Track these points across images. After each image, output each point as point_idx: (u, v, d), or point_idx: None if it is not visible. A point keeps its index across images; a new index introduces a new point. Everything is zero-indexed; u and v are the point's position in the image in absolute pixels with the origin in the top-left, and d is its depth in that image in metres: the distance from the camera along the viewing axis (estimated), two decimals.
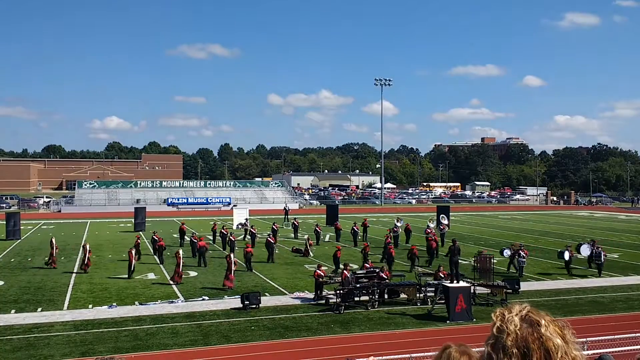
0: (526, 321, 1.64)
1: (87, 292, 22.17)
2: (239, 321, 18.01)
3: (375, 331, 17.11)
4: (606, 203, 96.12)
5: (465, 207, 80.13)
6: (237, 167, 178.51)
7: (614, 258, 31.67)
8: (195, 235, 31.84)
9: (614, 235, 43.12)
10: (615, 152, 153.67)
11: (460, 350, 1.87)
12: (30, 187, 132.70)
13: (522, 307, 1.70)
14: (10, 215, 40.82)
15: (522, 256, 25.47)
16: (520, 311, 1.68)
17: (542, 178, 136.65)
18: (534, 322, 1.63)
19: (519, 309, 1.69)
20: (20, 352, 14.95)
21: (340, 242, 35.84)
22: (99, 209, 68.11)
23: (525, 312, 1.67)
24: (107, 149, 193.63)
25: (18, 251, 33.47)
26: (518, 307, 1.70)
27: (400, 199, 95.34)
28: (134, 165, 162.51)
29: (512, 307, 1.71)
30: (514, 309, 1.70)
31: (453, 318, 18.08)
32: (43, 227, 48.33)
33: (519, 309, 1.69)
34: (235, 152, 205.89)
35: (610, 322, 17.74)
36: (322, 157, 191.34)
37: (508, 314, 1.68)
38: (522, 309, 1.69)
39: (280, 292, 22.46)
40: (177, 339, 16.23)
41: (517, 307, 1.70)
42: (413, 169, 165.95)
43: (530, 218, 61.07)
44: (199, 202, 73.63)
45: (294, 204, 74.40)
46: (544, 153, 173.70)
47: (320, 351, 15.19)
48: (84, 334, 16.59)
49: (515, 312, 1.68)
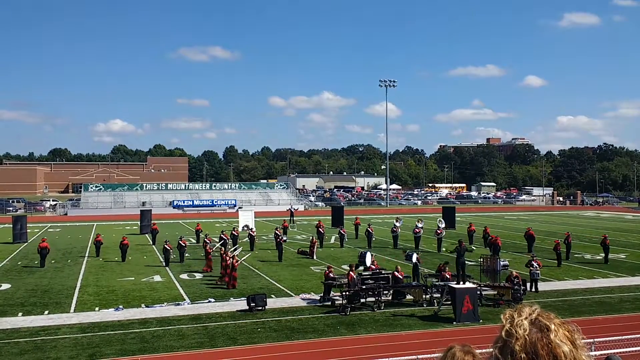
0: (536, 325, 1.62)
1: (93, 295, 22.25)
2: (245, 323, 18.03)
3: (382, 333, 17.08)
4: (613, 203, 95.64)
5: (471, 208, 79.92)
6: (242, 169, 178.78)
7: (621, 258, 31.51)
8: (210, 237, 32.05)
9: (621, 236, 42.89)
10: (621, 152, 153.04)
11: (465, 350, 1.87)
12: (37, 191, 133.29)
13: (532, 310, 1.67)
14: (17, 219, 41.02)
15: (535, 267, 22.80)
16: (530, 314, 1.65)
17: (548, 178, 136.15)
18: (543, 327, 1.61)
19: (529, 312, 1.66)
20: (28, 355, 15.02)
21: (345, 247, 35.74)
22: (105, 211, 68.35)
23: (535, 315, 1.65)
24: (113, 152, 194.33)
25: (25, 254, 33.64)
26: (528, 310, 1.67)
27: (406, 200, 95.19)
28: (139, 168, 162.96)
29: (521, 310, 1.68)
30: (523, 311, 1.67)
31: (459, 319, 18.02)
32: (50, 230, 48.55)
33: (528, 312, 1.66)
34: (241, 154, 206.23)
35: (617, 322, 17.64)
36: (327, 159, 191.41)
37: (518, 317, 1.65)
38: (532, 312, 1.66)
39: (286, 293, 22.46)
40: (183, 341, 16.25)
41: (527, 310, 1.67)
42: (418, 170, 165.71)
43: (536, 218, 60.85)
44: (204, 204, 73.77)
45: (299, 205, 74.46)
46: (550, 153, 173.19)
47: (326, 353, 15.18)
48: (91, 337, 16.65)
49: (525, 315, 1.65)
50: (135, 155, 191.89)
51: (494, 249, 30.00)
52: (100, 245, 32.78)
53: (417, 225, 35.94)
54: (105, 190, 77.55)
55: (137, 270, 27.70)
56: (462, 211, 67.29)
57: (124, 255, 30.68)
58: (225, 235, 33.22)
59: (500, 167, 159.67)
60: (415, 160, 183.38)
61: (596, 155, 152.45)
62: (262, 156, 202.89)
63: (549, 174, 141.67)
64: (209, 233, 34.09)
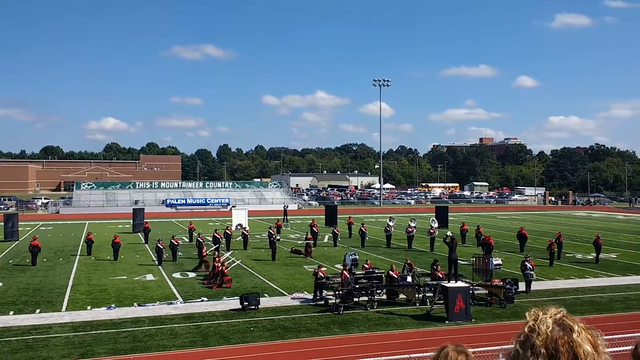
0: (559, 324, 1.63)
1: (85, 294, 22.15)
2: (238, 322, 18.01)
3: (375, 332, 17.12)
4: (604, 203, 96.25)
5: (464, 208, 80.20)
6: (236, 168, 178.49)
7: (612, 258, 31.73)
8: (202, 236, 31.96)
9: (612, 235, 43.18)
10: (612, 152, 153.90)
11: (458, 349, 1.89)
12: (29, 188, 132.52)
13: (557, 311, 1.69)
14: (8, 217, 40.78)
15: (530, 268, 22.54)
16: (555, 314, 1.67)
17: (540, 178, 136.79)
18: (566, 327, 1.62)
19: (554, 312, 1.68)
20: (19, 354, 14.94)
21: (338, 246, 35.79)
22: (98, 210, 68.05)
23: (559, 315, 1.67)
24: (105, 150, 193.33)
25: (16, 252, 33.43)
26: (553, 310, 1.69)
27: (399, 199, 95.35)
28: (132, 166, 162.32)
29: (547, 309, 1.70)
30: (549, 311, 1.69)
31: (452, 318, 18.10)
32: (41, 228, 48.28)
33: (554, 312, 1.68)
34: (234, 153, 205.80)
35: (608, 322, 17.76)
36: (321, 158, 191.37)
37: (542, 314, 1.68)
38: (557, 312, 1.68)
39: (280, 293, 22.46)
40: (176, 340, 16.22)
41: (553, 310, 1.69)
42: (412, 169, 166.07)
43: (528, 218, 61.14)
44: (197, 203, 73.57)
45: (293, 204, 74.41)
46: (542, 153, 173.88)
47: (319, 352, 15.19)
48: (83, 336, 16.58)
49: (550, 314, 1.67)
50: (128, 154, 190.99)
51: (487, 248, 30.13)
52: (92, 244, 32.65)
53: (410, 225, 36.04)
54: (98, 188, 77.19)
55: (129, 269, 27.60)
56: (455, 211, 67.51)
57: (116, 253, 30.56)
58: (218, 234, 33.15)
59: (493, 167, 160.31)
60: (409, 159, 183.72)
61: (588, 156, 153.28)
62: (256, 155, 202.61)
63: (541, 174, 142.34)
64: (201, 232, 34.01)
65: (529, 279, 22.61)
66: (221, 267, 23.51)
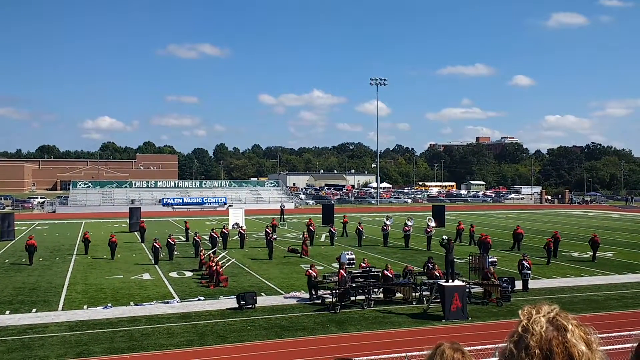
0: (553, 324, 1.62)
1: (82, 293, 22.10)
2: (234, 321, 18.00)
3: (371, 330, 17.13)
4: (600, 202, 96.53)
5: (460, 207, 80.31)
6: (233, 167, 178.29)
7: (609, 257, 31.82)
8: (199, 235, 31.93)
9: (608, 234, 43.29)
10: (609, 151, 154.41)
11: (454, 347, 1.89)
12: (25, 188, 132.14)
13: (550, 309, 1.67)
14: (4, 216, 40.68)
15: (527, 267, 22.38)
16: (548, 313, 1.66)
17: (537, 177, 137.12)
18: (560, 326, 1.61)
19: (547, 310, 1.67)
20: (15, 353, 14.90)
21: (335, 245, 35.78)
22: (94, 209, 67.89)
23: (553, 314, 1.65)
24: (102, 149, 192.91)
25: (12, 252, 33.33)
26: (546, 308, 1.68)
27: (396, 198, 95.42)
28: (128, 166, 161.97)
29: (540, 307, 1.69)
30: (542, 309, 1.67)
31: (448, 317, 18.12)
32: (37, 227, 48.14)
33: (547, 310, 1.67)
34: (231, 152, 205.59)
35: (604, 320, 17.82)
36: (318, 157, 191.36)
37: (535, 313, 1.66)
38: (550, 311, 1.66)
39: (276, 292, 22.45)
40: (172, 339, 16.20)
41: (546, 308, 1.68)
42: (408, 168, 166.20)
43: (525, 217, 61.27)
44: (194, 202, 73.46)
45: (290, 203, 74.39)
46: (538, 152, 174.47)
47: (316, 351, 15.20)
48: (79, 335, 16.54)
49: (543, 313, 1.66)
50: (125, 153, 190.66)
51: (484, 247, 30.17)
52: (89, 243, 32.58)
53: (407, 224, 36.05)
54: (94, 187, 77.03)
55: (126, 268, 27.55)
56: (452, 209, 67.58)
57: (113, 253, 30.50)
58: (215, 233, 33.11)
59: (490, 166, 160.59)
60: (406, 158, 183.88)
61: (584, 155, 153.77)
62: (253, 154, 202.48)
63: (538, 172, 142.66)
64: (198, 231, 33.97)
65: (526, 278, 22.58)
66: (216, 267, 23.53)
